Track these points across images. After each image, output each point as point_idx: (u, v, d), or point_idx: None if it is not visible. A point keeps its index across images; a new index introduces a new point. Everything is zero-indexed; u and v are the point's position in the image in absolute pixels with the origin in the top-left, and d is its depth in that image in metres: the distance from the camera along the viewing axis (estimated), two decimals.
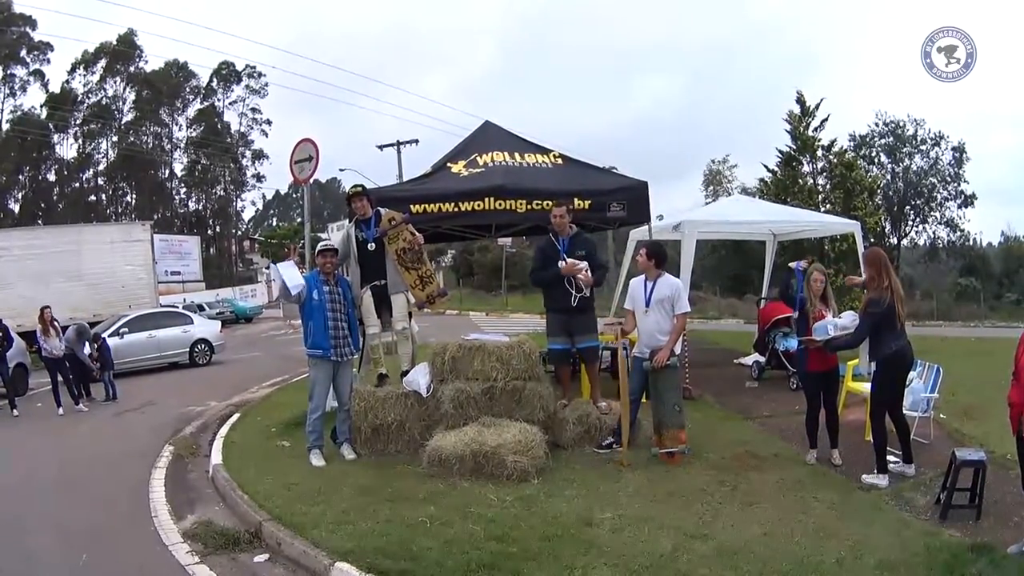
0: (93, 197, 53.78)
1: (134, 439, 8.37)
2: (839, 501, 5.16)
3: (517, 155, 8.88)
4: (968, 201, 35.44)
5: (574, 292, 6.81)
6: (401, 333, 7.26)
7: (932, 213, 36.11)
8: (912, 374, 6.94)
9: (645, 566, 4.16)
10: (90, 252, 19.86)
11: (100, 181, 54.38)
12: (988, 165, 76.41)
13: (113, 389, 11.45)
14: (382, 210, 7.16)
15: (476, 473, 5.76)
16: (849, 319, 5.79)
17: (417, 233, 7.09)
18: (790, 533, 4.59)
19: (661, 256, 6.43)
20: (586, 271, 6.74)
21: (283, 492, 5.57)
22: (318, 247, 6.75)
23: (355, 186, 7.47)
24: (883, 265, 5.46)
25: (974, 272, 35.26)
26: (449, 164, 8.69)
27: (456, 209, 8.01)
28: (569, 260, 6.70)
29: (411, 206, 7.64)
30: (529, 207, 8.02)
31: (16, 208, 51.14)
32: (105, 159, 53.56)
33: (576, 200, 7.84)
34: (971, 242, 37.28)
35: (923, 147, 35.66)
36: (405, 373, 7.15)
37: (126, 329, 15.41)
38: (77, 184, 53.42)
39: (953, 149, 35.10)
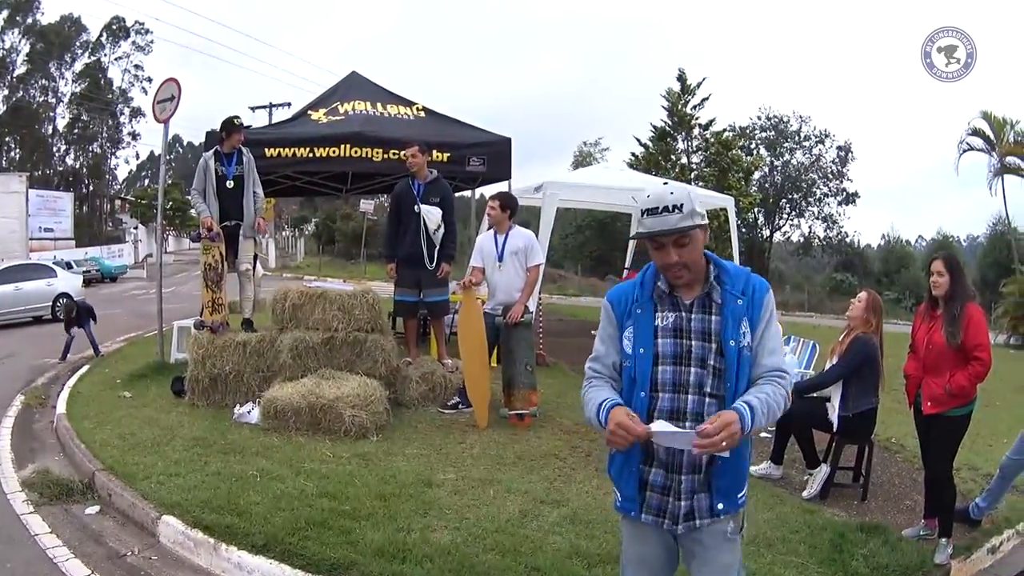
0: None
1: None
2: None
3: (379, 105, 8.77)
4: (850, 199, 36.19)
5: (425, 245, 6.45)
6: (244, 274, 6.98)
7: (809, 208, 36.78)
8: (785, 348, 6.80)
9: (490, 530, 3.75)
10: None
11: None
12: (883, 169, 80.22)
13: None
14: (244, 149, 6.76)
15: (313, 427, 5.42)
16: None
17: (222, 256, 6.67)
18: None
19: (514, 207, 6.18)
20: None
21: (118, 442, 5.24)
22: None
23: (237, 118, 6.78)
24: (880, 307, 4.69)
25: (850, 268, 36.38)
26: (310, 112, 8.55)
27: (311, 155, 7.83)
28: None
29: (266, 149, 7.49)
30: (385, 156, 7.87)
31: None
32: None
33: (436, 152, 7.74)
34: (848, 239, 38.23)
35: (806, 143, 36.17)
36: (247, 322, 6.88)
37: None
38: None
39: (839, 148, 35.76)
